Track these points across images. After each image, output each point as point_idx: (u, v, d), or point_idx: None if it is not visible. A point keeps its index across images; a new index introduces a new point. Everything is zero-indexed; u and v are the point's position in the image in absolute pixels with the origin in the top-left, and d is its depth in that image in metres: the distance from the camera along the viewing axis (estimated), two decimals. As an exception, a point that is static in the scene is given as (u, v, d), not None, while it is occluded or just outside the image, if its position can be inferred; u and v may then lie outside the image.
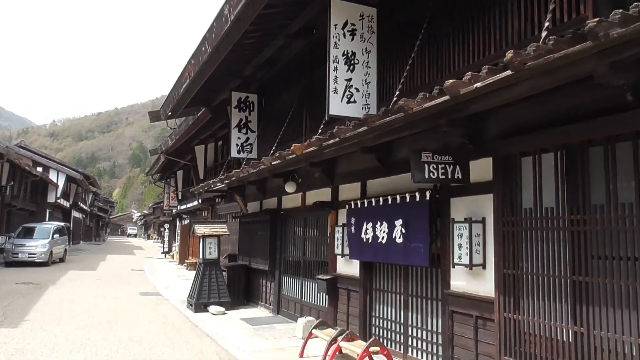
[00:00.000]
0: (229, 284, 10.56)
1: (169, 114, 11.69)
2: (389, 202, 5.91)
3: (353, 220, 6.74)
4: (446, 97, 3.58)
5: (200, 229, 10.50)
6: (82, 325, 8.20)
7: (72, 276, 16.37)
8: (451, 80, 3.43)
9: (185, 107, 11.16)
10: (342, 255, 7.08)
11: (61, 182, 33.98)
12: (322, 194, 7.93)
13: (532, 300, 4.13)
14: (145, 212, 71.45)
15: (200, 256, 10.49)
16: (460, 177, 4.61)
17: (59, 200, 33.39)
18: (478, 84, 3.35)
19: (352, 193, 7.13)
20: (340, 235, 7.17)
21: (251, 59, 8.96)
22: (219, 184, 9.73)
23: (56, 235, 21.98)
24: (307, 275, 8.63)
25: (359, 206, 6.57)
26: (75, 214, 42.28)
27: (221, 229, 10.73)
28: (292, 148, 5.90)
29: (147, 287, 14.04)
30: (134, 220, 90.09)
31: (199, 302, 9.90)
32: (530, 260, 4.16)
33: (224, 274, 10.67)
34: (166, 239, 31.60)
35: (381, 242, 6.06)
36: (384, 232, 6.04)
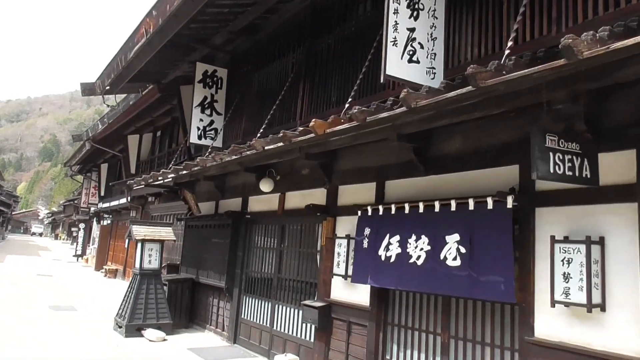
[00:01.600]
0: (170, 301, 8.48)
1: (107, 87, 9.40)
2: (436, 209, 4.36)
3: (368, 231, 5.11)
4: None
5: (139, 231, 8.35)
6: (-36, 358, 5.83)
7: (-41, 281, 13.20)
8: None
9: (130, 80, 8.99)
10: (346, 276, 5.41)
11: (-45, 168, 29.18)
12: (312, 196, 6.26)
13: None
14: (55, 209, 64.82)
15: (137, 265, 8.32)
16: (589, 175, 3.15)
17: (-49, 189, 28.60)
18: None
19: (360, 196, 5.52)
20: (344, 250, 5.50)
21: (229, 22, 7.14)
22: (170, 175, 7.69)
23: (-58, 230, 18.27)
24: (282, 299, 6.83)
25: (381, 213, 4.96)
26: (-29, 206, 36.82)
27: (166, 232, 8.63)
28: (311, 124, 4.17)
29: (59, 299, 11.38)
30: (40, 217, 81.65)
31: (132, 324, 7.74)
32: None
33: (165, 288, 8.57)
34: (80, 240, 27.93)
35: (414, 262, 4.49)
36: (420, 249, 4.48)
